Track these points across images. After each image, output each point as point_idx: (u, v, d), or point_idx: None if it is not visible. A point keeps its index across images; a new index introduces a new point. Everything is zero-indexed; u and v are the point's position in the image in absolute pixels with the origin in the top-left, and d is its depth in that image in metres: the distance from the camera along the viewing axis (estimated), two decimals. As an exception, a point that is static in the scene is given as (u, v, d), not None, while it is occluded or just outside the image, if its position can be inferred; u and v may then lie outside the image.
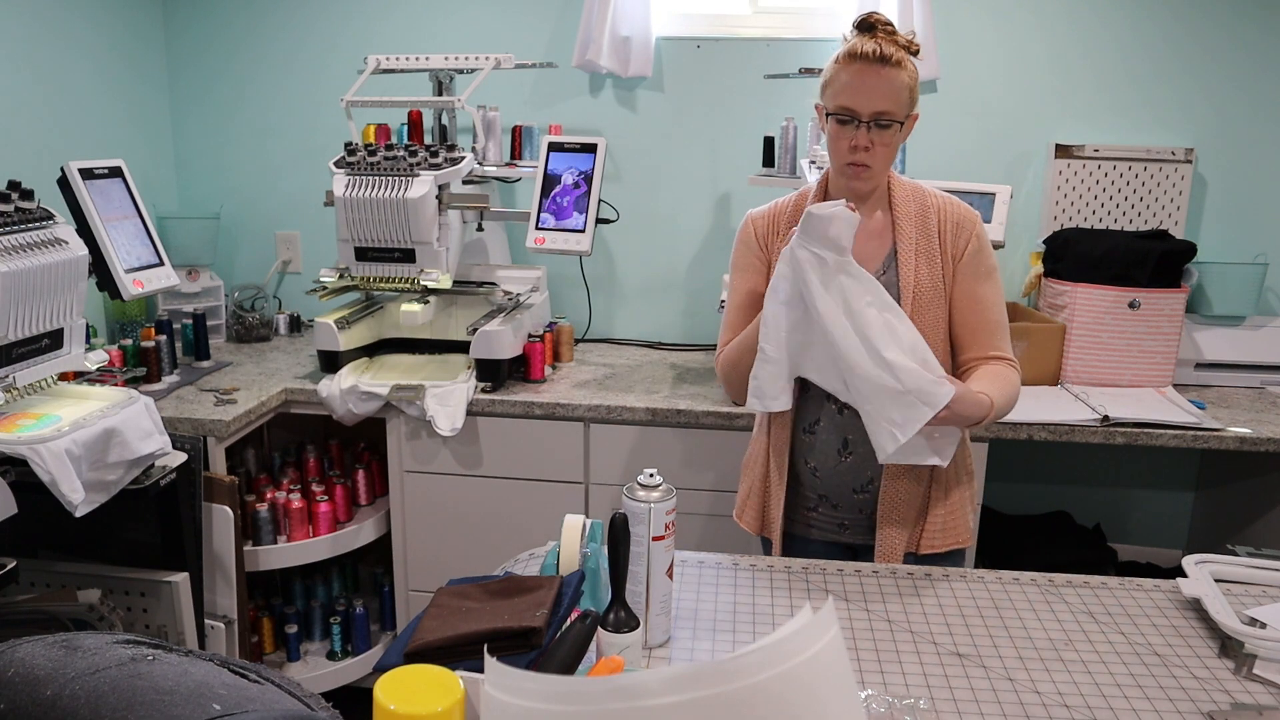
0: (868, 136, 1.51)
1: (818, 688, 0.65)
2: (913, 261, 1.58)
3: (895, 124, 1.51)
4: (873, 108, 1.50)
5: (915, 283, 1.57)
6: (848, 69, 1.51)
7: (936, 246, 1.58)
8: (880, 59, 1.48)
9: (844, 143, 1.53)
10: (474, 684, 0.77)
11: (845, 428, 1.60)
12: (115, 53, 2.67)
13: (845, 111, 1.51)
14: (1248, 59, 2.55)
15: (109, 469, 1.63)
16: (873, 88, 1.49)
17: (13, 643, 0.67)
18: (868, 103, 1.49)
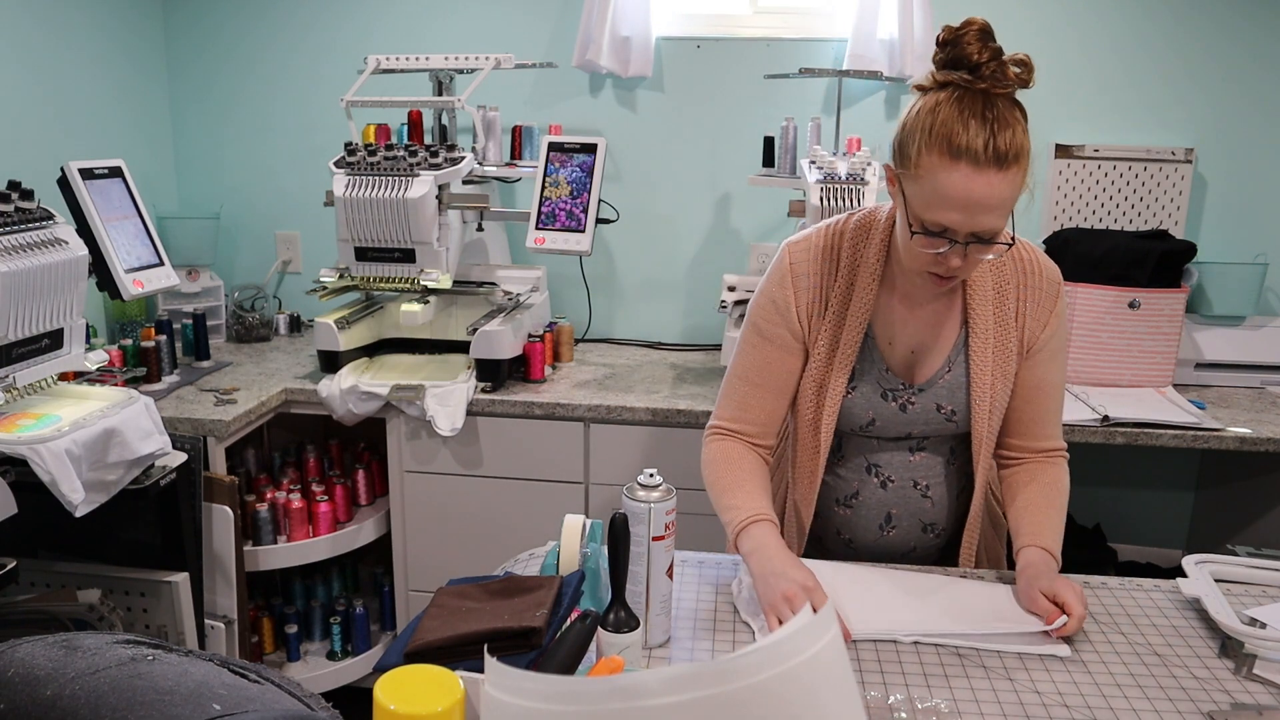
0: (963, 254, 1.18)
1: (817, 688, 0.65)
2: (989, 359, 1.31)
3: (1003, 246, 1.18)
4: (975, 227, 1.15)
5: (992, 385, 1.31)
6: (945, 172, 1.13)
7: (1015, 332, 1.31)
8: (995, 161, 1.11)
9: (928, 255, 1.20)
10: (474, 684, 0.77)
11: (889, 503, 1.41)
12: (115, 52, 2.67)
13: (937, 228, 1.17)
14: (1248, 59, 2.55)
15: (109, 469, 1.63)
16: (980, 203, 1.13)
17: (13, 643, 0.67)
18: (971, 221, 1.14)
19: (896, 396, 1.36)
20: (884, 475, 1.40)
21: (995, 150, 1.12)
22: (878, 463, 1.41)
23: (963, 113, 1.14)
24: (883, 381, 1.35)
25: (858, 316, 1.32)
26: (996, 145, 1.12)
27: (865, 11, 2.53)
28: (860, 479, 1.43)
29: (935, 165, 1.14)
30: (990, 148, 1.12)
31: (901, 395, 1.36)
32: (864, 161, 2.11)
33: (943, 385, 1.35)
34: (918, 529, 1.43)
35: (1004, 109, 1.15)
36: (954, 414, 1.35)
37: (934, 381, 1.35)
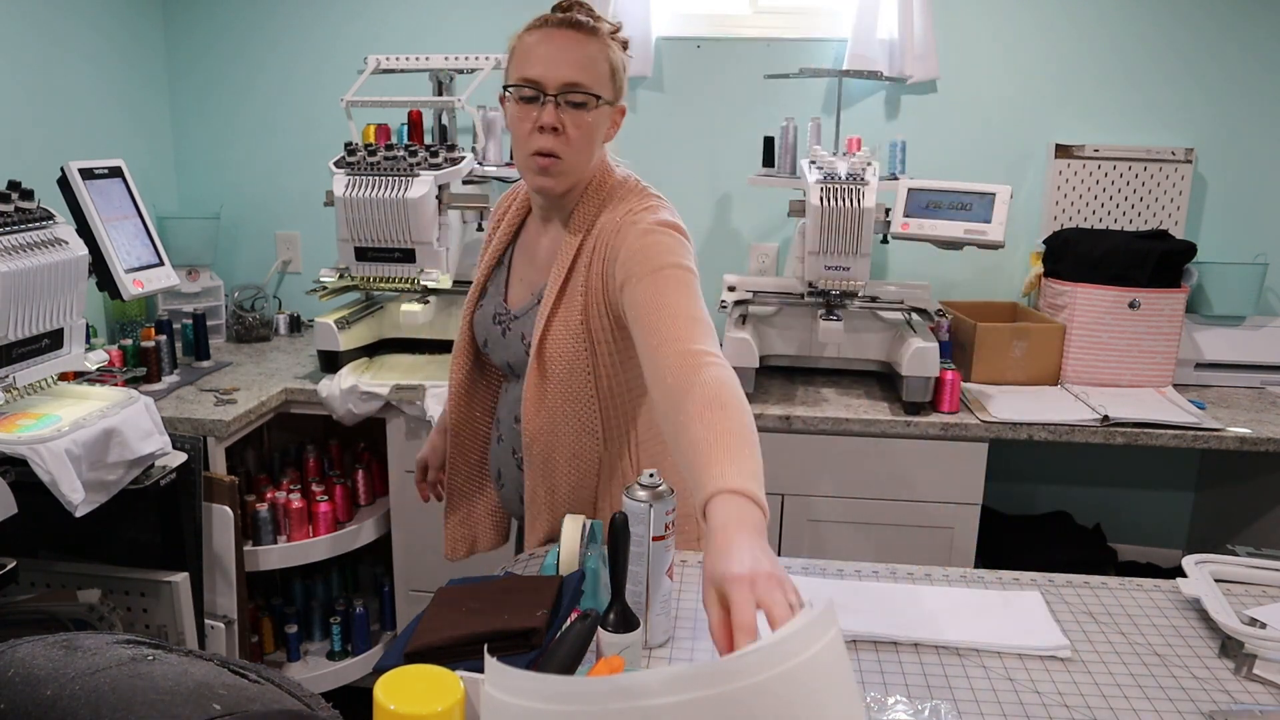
0: (556, 114, 1.27)
1: (818, 688, 0.65)
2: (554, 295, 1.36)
3: (592, 99, 1.28)
4: (561, 77, 1.26)
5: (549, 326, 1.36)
6: (530, 35, 1.30)
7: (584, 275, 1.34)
8: (572, 23, 1.28)
9: (524, 125, 1.29)
10: (474, 684, 0.77)
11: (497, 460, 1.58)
12: (115, 53, 2.67)
13: (528, 83, 1.28)
14: (1248, 59, 2.55)
15: (109, 469, 1.63)
16: (560, 53, 1.27)
17: (13, 643, 0.67)
18: (554, 72, 1.26)
19: (500, 320, 1.50)
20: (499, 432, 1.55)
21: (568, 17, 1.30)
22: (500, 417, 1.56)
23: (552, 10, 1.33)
24: (495, 306, 1.50)
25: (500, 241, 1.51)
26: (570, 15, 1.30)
27: (865, 11, 2.53)
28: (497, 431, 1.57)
29: (522, 38, 1.32)
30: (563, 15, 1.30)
31: (504, 320, 1.49)
32: (864, 161, 2.11)
33: (529, 315, 1.44)
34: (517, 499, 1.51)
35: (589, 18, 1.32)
36: (529, 347, 1.41)
37: (524, 311, 1.45)
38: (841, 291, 2.17)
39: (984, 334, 2.39)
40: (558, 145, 1.29)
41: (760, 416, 2.16)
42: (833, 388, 2.35)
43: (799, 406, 2.20)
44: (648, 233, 1.31)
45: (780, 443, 2.18)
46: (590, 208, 1.37)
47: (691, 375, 1.10)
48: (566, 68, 1.27)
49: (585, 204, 1.38)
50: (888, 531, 2.19)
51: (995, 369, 2.40)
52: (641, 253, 1.29)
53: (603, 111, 1.32)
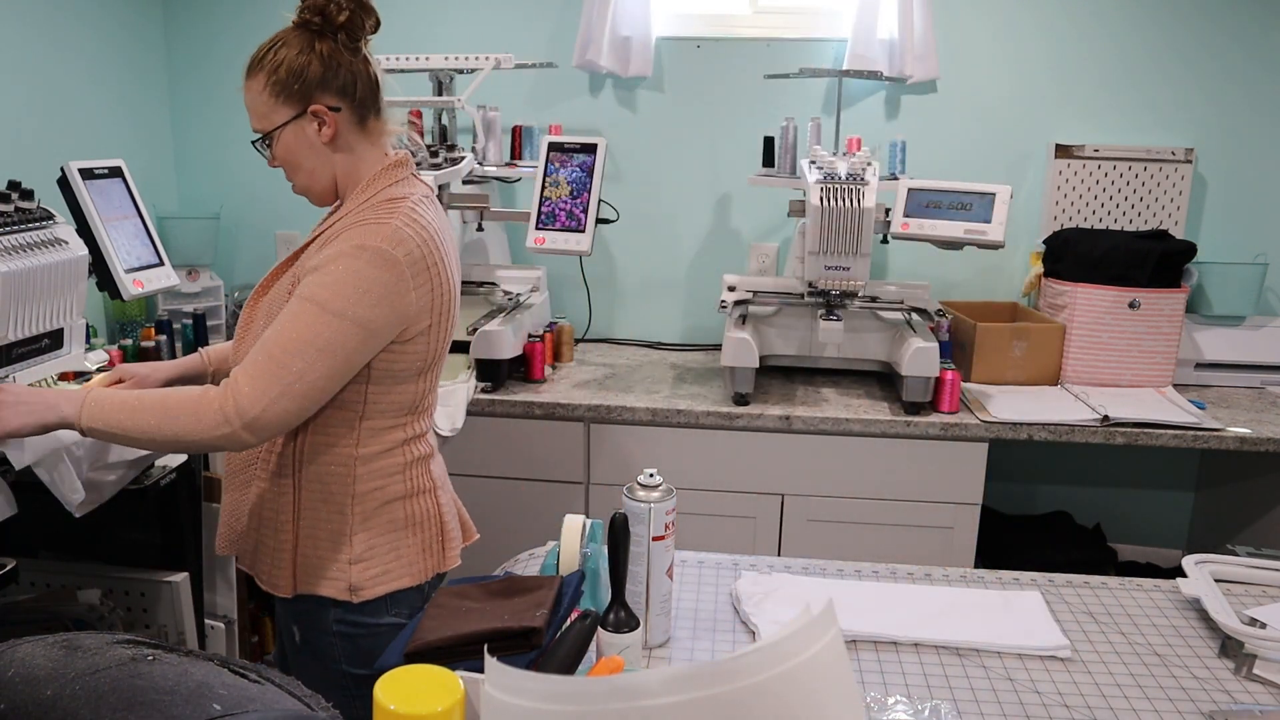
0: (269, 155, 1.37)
1: (817, 688, 0.65)
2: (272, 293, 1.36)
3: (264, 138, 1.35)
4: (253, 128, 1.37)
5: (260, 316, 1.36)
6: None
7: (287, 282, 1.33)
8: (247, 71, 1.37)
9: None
10: (474, 684, 0.77)
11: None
12: (115, 53, 2.67)
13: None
14: (1248, 59, 2.55)
15: (108, 469, 1.63)
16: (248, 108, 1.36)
17: (13, 643, 0.67)
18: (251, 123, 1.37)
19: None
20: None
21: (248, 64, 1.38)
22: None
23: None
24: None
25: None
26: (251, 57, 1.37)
27: (865, 11, 2.53)
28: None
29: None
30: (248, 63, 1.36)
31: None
32: (864, 161, 2.11)
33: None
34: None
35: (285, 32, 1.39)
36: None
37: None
38: (841, 291, 2.17)
39: (984, 334, 2.39)
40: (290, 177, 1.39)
41: (760, 416, 2.17)
42: (833, 388, 2.35)
43: (799, 406, 2.20)
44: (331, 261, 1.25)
45: (780, 443, 2.18)
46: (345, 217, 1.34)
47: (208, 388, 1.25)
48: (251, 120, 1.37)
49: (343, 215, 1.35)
50: (888, 531, 2.20)
51: (995, 369, 2.40)
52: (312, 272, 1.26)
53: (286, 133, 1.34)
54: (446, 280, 1.38)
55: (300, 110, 1.33)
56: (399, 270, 1.27)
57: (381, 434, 1.37)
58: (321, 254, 1.28)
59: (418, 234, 1.30)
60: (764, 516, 2.23)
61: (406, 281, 1.28)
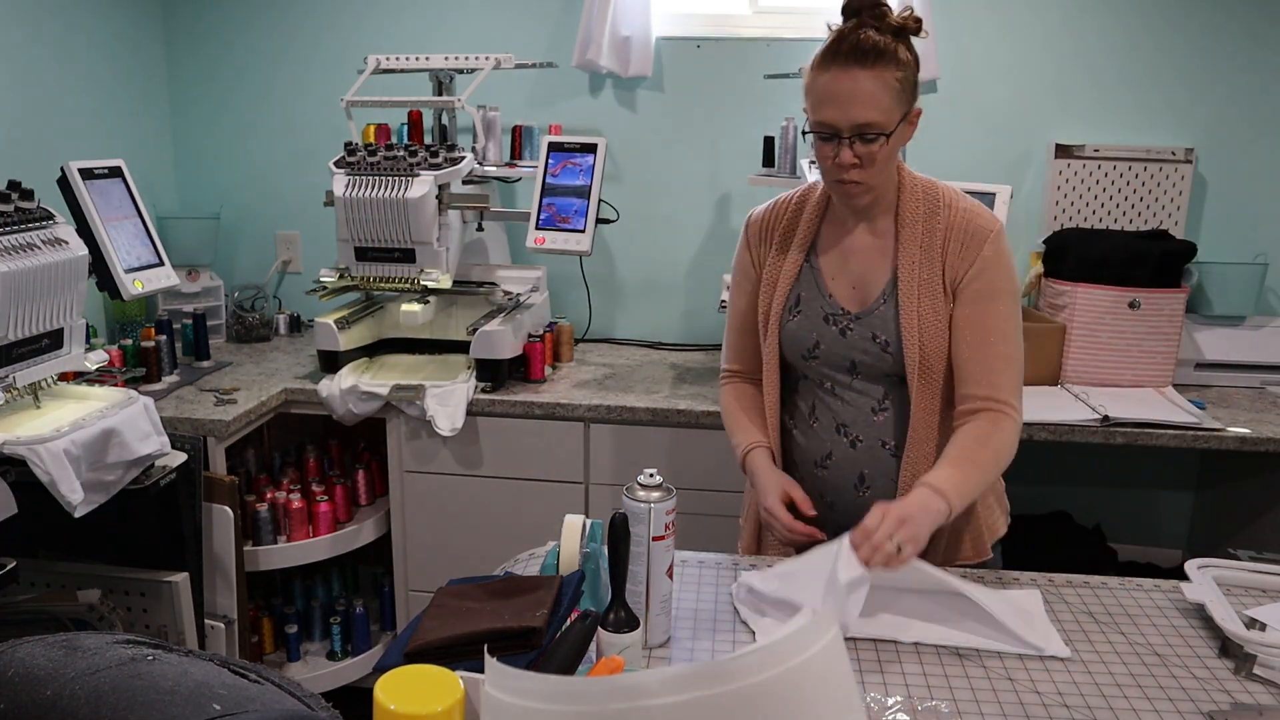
0: (852, 153, 1.33)
1: (817, 688, 0.65)
2: (914, 293, 1.39)
3: (882, 136, 1.32)
4: (853, 119, 1.31)
5: (919, 321, 1.39)
6: (820, 76, 1.33)
7: (939, 275, 1.39)
8: (857, 58, 1.29)
9: (826, 160, 1.36)
10: (474, 684, 0.77)
11: (861, 463, 1.47)
12: (115, 53, 2.67)
13: (823, 127, 1.34)
14: (1248, 59, 2.55)
15: (108, 469, 1.63)
16: (849, 96, 1.30)
17: (13, 643, 0.67)
18: (846, 115, 1.31)
19: (836, 321, 1.46)
20: (852, 435, 1.47)
21: (856, 48, 1.30)
22: (844, 422, 1.48)
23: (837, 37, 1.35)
24: (825, 306, 1.47)
25: (798, 249, 1.48)
26: (857, 44, 1.30)
27: (865, 11, 2.52)
28: (831, 439, 1.50)
29: (814, 77, 1.35)
30: (850, 47, 1.30)
31: (841, 320, 1.46)
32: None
33: (877, 316, 1.43)
34: (891, 489, 1.46)
35: (873, 33, 1.32)
36: (888, 345, 1.42)
37: (870, 311, 1.44)
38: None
39: (984, 334, 2.38)
40: (859, 174, 1.35)
41: (760, 416, 2.16)
42: (833, 388, 2.34)
43: (799, 406, 2.20)
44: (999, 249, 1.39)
45: (780, 443, 2.18)
46: (917, 208, 1.41)
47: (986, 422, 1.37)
48: (857, 109, 1.30)
49: (910, 205, 1.41)
50: (888, 531, 2.19)
51: (995, 369, 2.39)
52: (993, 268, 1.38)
53: (896, 133, 1.34)
54: None
55: (906, 113, 1.35)
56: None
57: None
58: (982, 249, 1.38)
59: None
60: (764, 516, 2.23)
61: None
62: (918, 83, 1.36)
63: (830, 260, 1.48)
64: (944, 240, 1.39)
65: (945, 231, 1.40)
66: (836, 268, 1.47)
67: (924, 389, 1.41)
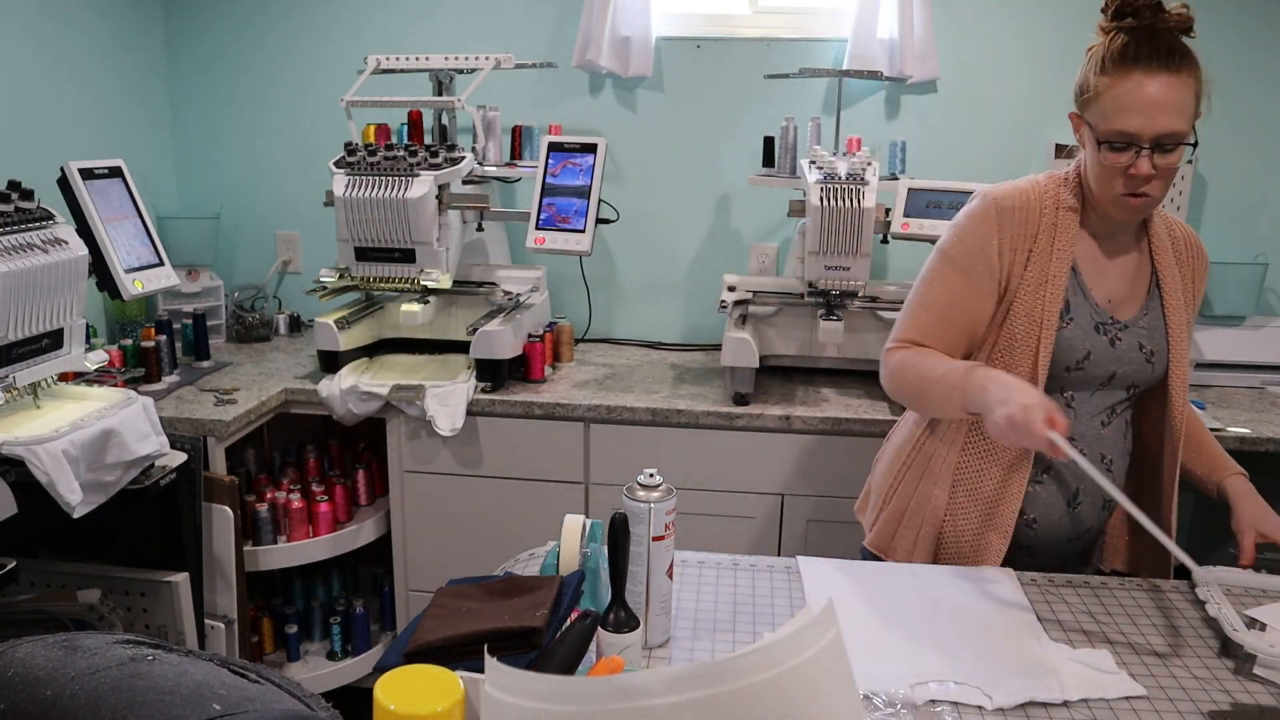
0: (1151, 163, 1.26)
1: (818, 688, 0.65)
2: (1179, 306, 1.40)
3: (1182, 145, 1.26)
4: (1157, 129, 1.24)
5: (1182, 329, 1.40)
6: (1121, 82, 1.25)
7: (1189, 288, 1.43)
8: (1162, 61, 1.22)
9: (1119, 172, 1.29)
10: (474, 684, 0.77)
11: (1079, 477, 1.39)
12: (116, 52, 2.67)
13: (1122, 137, 1.26)
14: (1248, 59, 2.55)
15: (107, 470, 1.63)
16: (1156, 103, 1.23)
17: (13, 643, 0.67)
18: (1150, 123, 1.24)
19: (1106, 330, 1.39)
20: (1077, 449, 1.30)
21: (1163, 53, 1.23)
22: (1072, 435, 1.34)
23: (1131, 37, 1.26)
24: (1094, 315, 1.39)
25: (1064, 251, 1.38)
26: (1164, 49, 1.23)
27: (865, 11, 2.53)
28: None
29: (1111, 81, 1.26)
30: (1158, 51, 1.23)
31: (1111, 330, 1.40)
32: (864, 161, 2.11)
33: (1142, 326, 1.40)
34: (1099, 506, 1.44)
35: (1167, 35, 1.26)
36: (1153, 355, 1.41)
37: (1136, 320, 1.41)
38: (841, 291, 2.17)
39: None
40: (1153, 187, 1.30)
41: (760, 416, 2.17)
42: (833, 388, 2.35)
43: (799, 406, 2.20)
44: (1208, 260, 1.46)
45: (780, 443, 2.18)
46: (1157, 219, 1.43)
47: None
48: (1163, 118, 1.25)
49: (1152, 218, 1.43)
50: (888, 531, 2.19)
51: (995, 369, 2.39)
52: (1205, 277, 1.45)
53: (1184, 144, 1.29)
54: None
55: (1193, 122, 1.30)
56: None
57: None
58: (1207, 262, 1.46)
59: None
60: (764, 516, 2.23)
61: None
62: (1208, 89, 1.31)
63: (1090, 268, 1.41)
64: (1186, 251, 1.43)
65: (1184, 243, 1.44)
66: (1095, 277, 1.41)
67: (1178, 386, 1.42)
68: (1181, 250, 1.43)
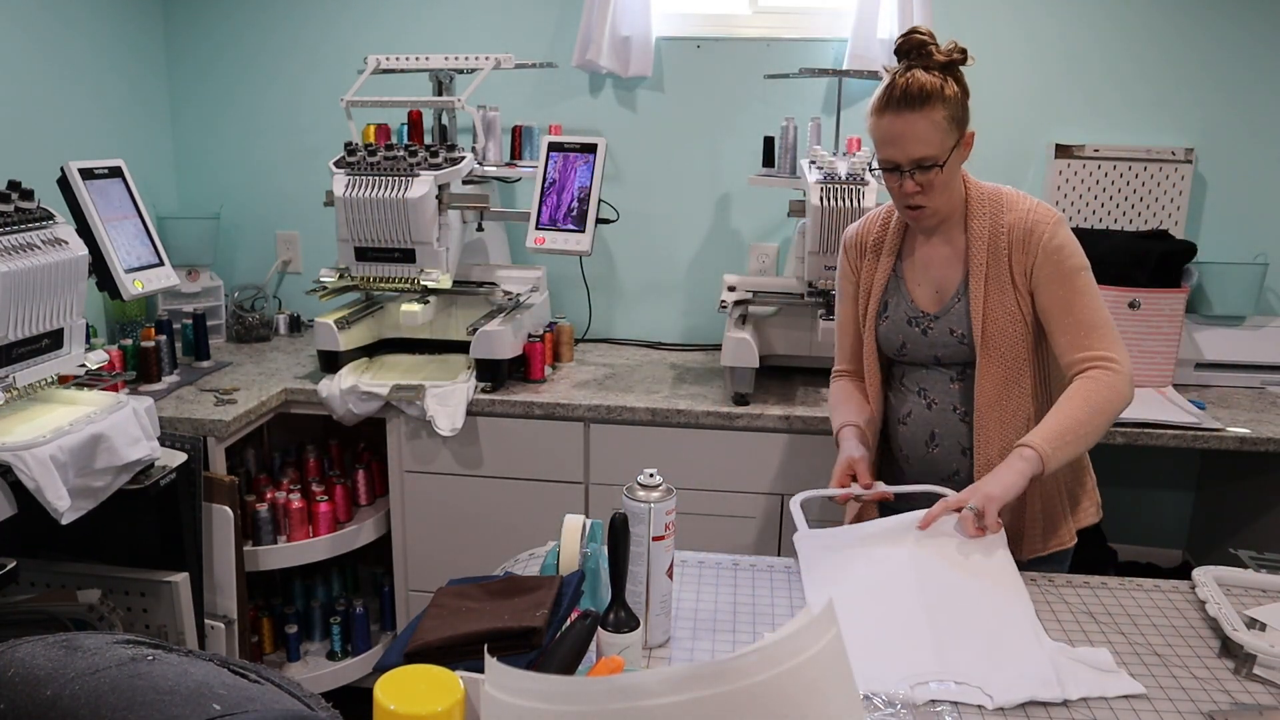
0: (914, 182, 1.50)
1: (818, 688, 0.65)
2: (981, 290, 1.55)
3: (937, 166, 1.49)
4: (910, 156, 1.48)
5: (984, 313, 1.55)
6: (879, 121, 1.49)
7: (1006, 270, 1.55)
8: (908, 103, 1.45)
9: (894, 190, 1.54)
10: (474, 684, 0.77)
11: (933, 422, 1.63)
12: (116, 53, 2.67)
13: (886, 163, 1.52)
14: (1248, 58, 2.55)
15: (96, 475, 1.61)
16: (903, 136, 1.47)
17: (13, 643, 0.67)
18: (903, 152, 1.48)
19: (918, 323, 1.62)
20: (929, 398, 1.64)
21: (905, 94, 1.45)
22: (925, 386, 1.65)
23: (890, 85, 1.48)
24: (908, 311, 1.64)
25: (885, 263, 1.67)
26: (907, 90, 1.45)
27: (865, 11, 2.53)
28: (913, 400, 1.66)
29: (874, 121, 1.51)
30: (901, 93, 1.45)
31: (922, 322, 1.62)
32: (864, 161, 2.11)
33: (953, 314, 1.59)
34: (958, 451, 1.62)
35: (920, 73, 1.46)
36: (964, 337, 1.58)
37: (946, 310, 1.60)
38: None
39: (984, 334, 2.38)
40: (922, 199, 1.52)
41: (760, 416, 2.17)
42: (833, 388, 2.34)
43: (799, 406, 2.20)
44: (1058, 235, 1.53)
45: (780, 443, 2.18)
46: (983, 216, 1.57)
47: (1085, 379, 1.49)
48: (913, 147, 1.47)
49: (977, 215, 1.57)
50: (888, 531, 2.19)
51: (995, 369, 2.39)
52: (1058, 252, 1.52)
53: (950, 160, 1.50)
54: None
55: (959, 139, 1.50)
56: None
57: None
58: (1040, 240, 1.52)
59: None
60: (764, 516, 2.23)
61: None
62: (967, 108, 1.50)
63: (913, 269, 1.65)
64: (1008, 239, 1.55)
65: (1009, 231, 1.55)
66: (920, 275, 1.64)
67: (986, 361, 1.56)
68: (1002, 232, 1.55)
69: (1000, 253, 1.55)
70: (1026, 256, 1.53)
